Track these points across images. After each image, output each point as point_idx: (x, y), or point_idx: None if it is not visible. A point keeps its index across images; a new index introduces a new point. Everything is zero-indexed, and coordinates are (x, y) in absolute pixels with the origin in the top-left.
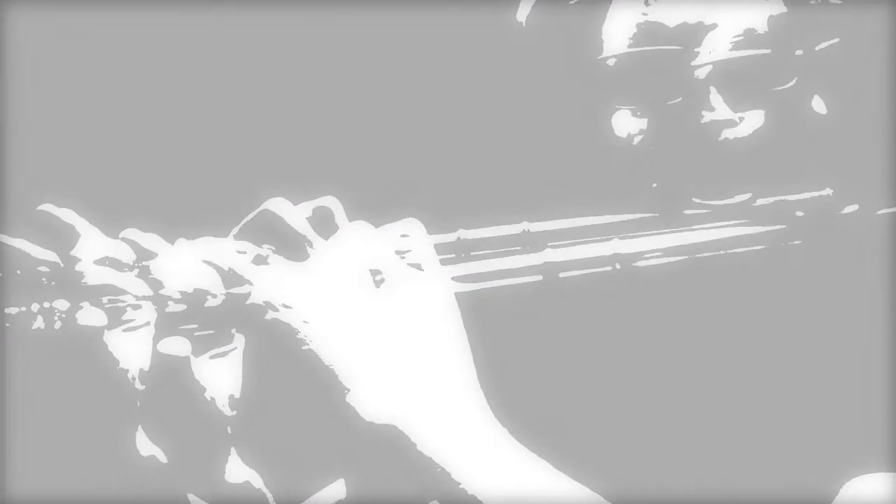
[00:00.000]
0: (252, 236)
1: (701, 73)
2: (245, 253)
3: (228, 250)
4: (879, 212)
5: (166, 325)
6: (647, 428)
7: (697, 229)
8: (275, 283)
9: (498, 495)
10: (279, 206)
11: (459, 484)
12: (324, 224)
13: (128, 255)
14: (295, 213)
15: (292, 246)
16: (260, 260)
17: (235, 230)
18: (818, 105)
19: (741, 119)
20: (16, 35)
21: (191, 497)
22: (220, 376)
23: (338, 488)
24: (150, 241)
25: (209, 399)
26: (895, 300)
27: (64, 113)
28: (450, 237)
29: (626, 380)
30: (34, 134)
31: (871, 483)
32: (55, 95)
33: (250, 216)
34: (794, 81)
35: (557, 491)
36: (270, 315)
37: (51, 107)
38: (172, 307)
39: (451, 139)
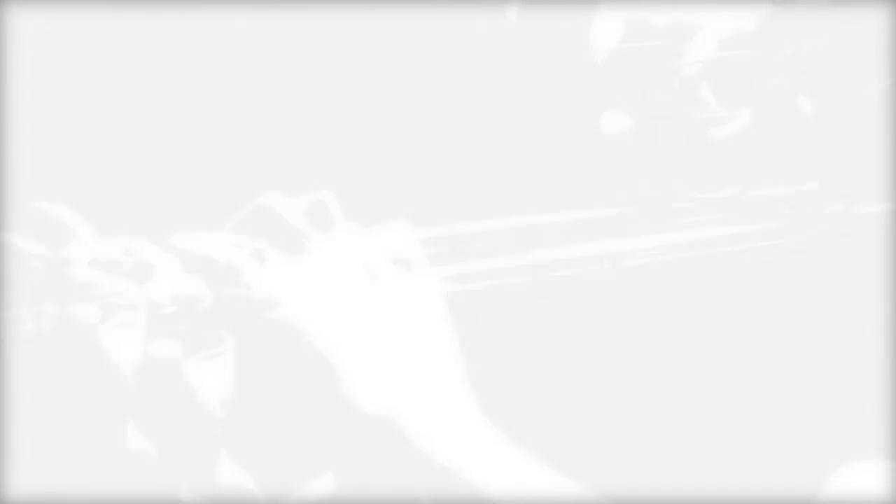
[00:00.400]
0: (247, 230)
1: (691, 71)
2: (241, 247)
3: (224, 244)
4: (867, 209)
5: (159, 326)
6: (640, 423)
7: (687, 226)
8: (270, 277)
9: (493, 494)
10: (274, 200)
11: (454, 483)
12: (319, 219)
13: (121, 255)
14: (290, 208)
15: (288, 240)
16: (256, 254)
17: (230, 224)
18: (805, 103)
19: (730, 116)
20: (16, 35)
21: (184, 494)
22: (212, 377)
23: (326, 483)
24: (144, 240)
25: (201, 399)
26: (888, 293)
27: (62, 112)
28: (442, 231)
29: (619, 378)
30: (32, 133)
31: (860, 473)
32: (54, 95)
33: (245, 210)
34: (781, 79)
35: (554, 490)
36: (265, 309)
37: (49, 106)
38: (165, 308)
39: (444, 135)
